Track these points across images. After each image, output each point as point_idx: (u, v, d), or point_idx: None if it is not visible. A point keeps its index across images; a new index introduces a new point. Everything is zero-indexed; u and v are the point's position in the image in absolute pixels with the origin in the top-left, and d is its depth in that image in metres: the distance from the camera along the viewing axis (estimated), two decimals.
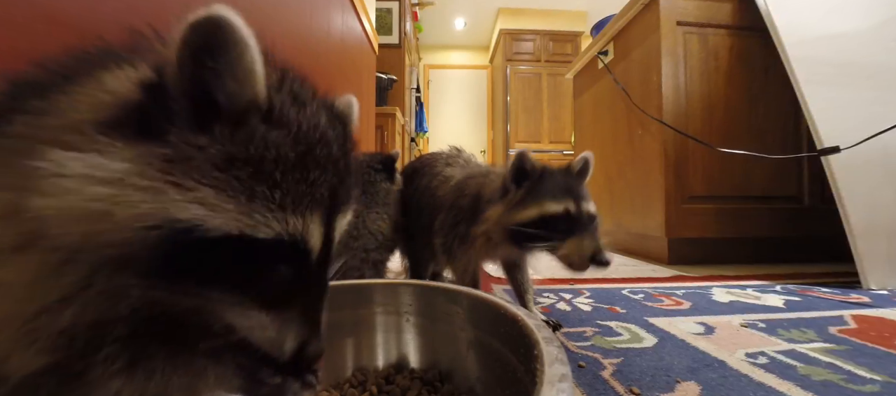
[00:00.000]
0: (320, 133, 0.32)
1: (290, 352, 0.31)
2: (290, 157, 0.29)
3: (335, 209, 0.33)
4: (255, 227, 0.27)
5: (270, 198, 0.28)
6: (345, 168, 0.34)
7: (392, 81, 3.88)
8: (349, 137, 0.38)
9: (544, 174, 0.85)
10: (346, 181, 0.34)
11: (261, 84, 0.28)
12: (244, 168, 0.27)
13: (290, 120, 0.30)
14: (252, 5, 1.14)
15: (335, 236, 0.34)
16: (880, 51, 1.55)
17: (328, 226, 0.32)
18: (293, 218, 0.29)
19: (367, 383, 0.57)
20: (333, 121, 0.35)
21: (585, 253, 0.77)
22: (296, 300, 0.31)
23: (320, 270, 0.33)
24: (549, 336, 0.40)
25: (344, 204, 0.34)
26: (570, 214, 0.80)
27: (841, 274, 1.52)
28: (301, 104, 0.32)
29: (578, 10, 6.19)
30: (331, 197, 0.32)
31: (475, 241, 0.91)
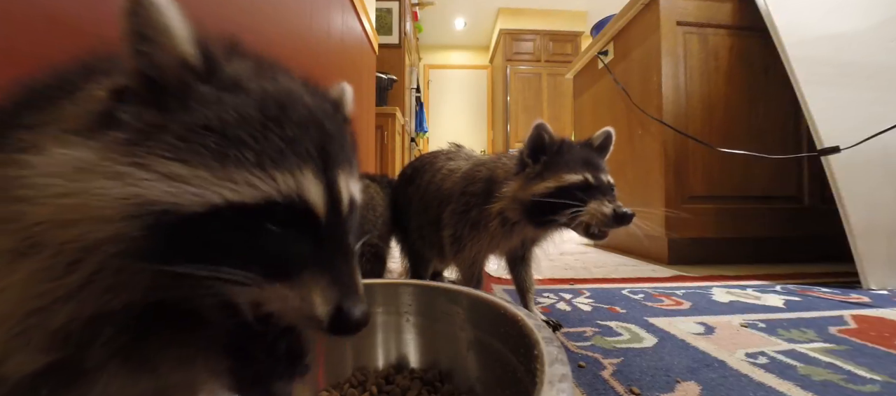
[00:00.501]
0: (293, 98, 0.31)
1: (327, 317, 0.29)
2: (256, 117, 0.28)
3: (332, 164, 0.31)
4: (239, 192, 0.26)
5: (245, 159, 0.26)
6: (335, 131, 0.33)
7: (392, 81, 3.88)
8: (340, 114, 0.37)
9: (563, 146, 0.85)
10: (337, 141, 0.32)
11: (182, 42, 0.27)
12: (207, 134, 0.26)
13: (249, 85, 0.29)
14: (252, 6, 1.14)
15: (343, 193, 0.32)
16: (880, 51, 1.55)
17: (330, 182, 0.30)
18: (281, 175, 0.27)
19: (367, 383, 0.57)
20: (313, 92, 0.35)
21: (607, 212, 0.77)
22: (315, 262, 0.29)
23: (337, 229, 0.31)
24: (549, 336, 0.41)
25: (343, 161, 0.32)
26: (589, 184, 0.80)
27: (841, 274, 1.52)
28: (266, 74, 0.31)
29: (578, 10, 6.19)
30: (321, 153, 0.30)
31: (489, 224, 0.90)
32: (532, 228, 0.88)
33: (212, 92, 0.28)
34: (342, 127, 0.35)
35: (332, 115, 0.34)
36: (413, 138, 5.10)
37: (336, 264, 0.30)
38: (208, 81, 0.28)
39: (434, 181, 1.10)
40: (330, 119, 0.33)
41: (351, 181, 0.33)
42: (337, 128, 0.34)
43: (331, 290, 0.29)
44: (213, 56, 0.29)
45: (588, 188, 0.80)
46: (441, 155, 1.20)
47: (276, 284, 0.28)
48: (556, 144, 0.85)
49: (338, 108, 0.38)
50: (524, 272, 1.01)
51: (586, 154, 0.85)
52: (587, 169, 0.81)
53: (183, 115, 0.26)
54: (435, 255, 1.15)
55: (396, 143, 3.81)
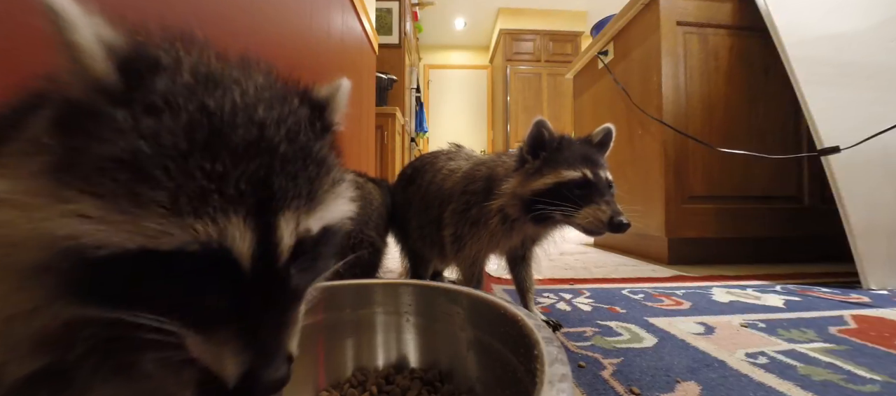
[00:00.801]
0: (240, 115, 0.27)
1: (234, 379, 0.26)
2: (179, 148, 0.24)
3: (272, 205, 0.27)
4: (153, 238, 0.23)
5: (158, 202, 0.23)
6: (294, 155, 0.29)
7: (392, 81, 3.88)
8: (313, 123, 0.33)
9: (562, 143, 0.86)
10: (292, 170, 0.28)
11: (93, 59, 0.23)
12: (119, 168, 0.23)
13: (180, 103, 0.25)
14: (252, 6, 1.14)
15: (284, 238, 0.28)
16: (880, 51, 1.55)
17: (265, 229, 0.26)
18: (200, 222, 0.24)
19: (367, 383, 0.57)
20: (279, 101, 0.30)
21: (603, 218, 0.77)
22: (233, 319, 0.26)
23: (268, 281, 0.27)
24: (549, 336, 0.41)
25: (293, 198, 0.28)
26: (588, 180, 0.80)
27: (841, 274, 1.52)
28: (212, 85, 0.27)
29: (578, 10, 6.19)
30: (259, 190, 0.26)
31: (489, 221, 0.90)
32: (532, 225, 0.89)
33: (127, 117, 0.24)
34: (309, 144, 0.31)
35: (297, 131, 0.30)
36: (413, 138, 5.10)
37: (259, 321, 0.27)
38: (126, 104, 0.24)
39: (435, 181, 1.11)
40: (289, 139, 0.29)
41: (303, 218, 0.29)
42: (297, 149, 0.29)
43: (244, 353, 0.26)
44: (135, 72, 0.25)
45: (587, 184, 0.80)
46: (441, 155, 1.20)
47: (192, 334, 0.26)
48: (556, 141, 0.86)
49: (318, 115, 0.34)
50: (524, 272, 1.01)
51: (586, 150, 0.85)
52: (586, 165, 0.81)
53: (97, 145, 0.23)
54: (436, 255, 1.15)
55: (396, 143, 3.81)
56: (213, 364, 0.26)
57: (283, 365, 0.27)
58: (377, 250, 1.20)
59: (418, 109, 5.65)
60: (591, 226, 0.79)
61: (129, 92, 0.25)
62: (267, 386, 0.27)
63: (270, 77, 0.33)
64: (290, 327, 0.29)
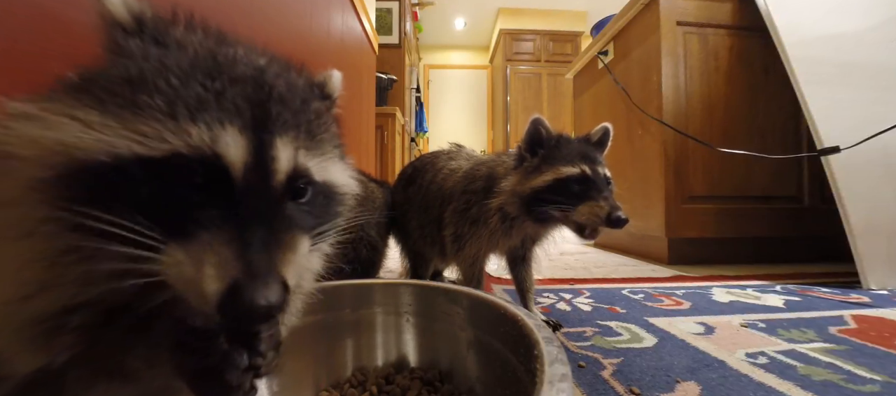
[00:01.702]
0: (238, 58, 0.29)
1: (215, 296, 0.23)
2: (181, 67, 0.26)
3: (268, 125, 0.28)
4: (146, 144, 0.24)
5: (155, 107, 0.25)
6: (288, 96, 0.30)
7: (392, 81, 3.88)
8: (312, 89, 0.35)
9: (560, 140, 0.86)
10: (287, 105, 0.29)
11: (110, 3, 0.28)
12: (125, 84, 0.26)
13: (187, 41, 0.29)
14: (252, 6, 1.14)
15: (278, 158, 0.27)
16: (880, 51, 1.55)
17: (260, 145, 0.27)
18: (194, 127, 0.25)
19: (367, 383, 0.57)
20: (281, 64, 0.33)
21: (601, 214, 0.77)
22: (221, 227, 0.25)
23: (261, 196, 0.27)
24: (549, 336, 0.41)
25: (290, 128, 0.29)
26: (586, 177, 0.80)
27: (841, 274, 1.52)
28: (214, 39, 0.31)
29: (578, 10, 6.19)
30: (256, 111, 0.27)
31: (489, 220, 0.90)
32: (531, 224, 0.89)
33: (138, 45, 0.28)
34: (308, 97, 0.32)
35: (296, 85, 0.32)
36: (413, 138, 5.10)
37: (250, 234, 0.25)
38: (136, 36, 0.28)
39: (435, 181, 1.11)
40: (288, 87, 0.30)
41: (301, 152, 0.29)
42: (296, 95, 0.31)
43: (230, 264, 0.24)
44: (144, 15, 0.29)
45: (585, 181, 0.81)
46: (442, 155, 1.20)
47: (172, 245, 0.24)
48: (554, 138, 0.86)
49: (317, 88, 0.37)
50: (524, 272, 1.01)
51: (583, 148, 0.86)
52: (584, 162, 0.82)
53: (110, 69, 0.27)
54: (436, 255, 1.15)
55: (396, 143, 3.81)
56: (193, 285, 0.24)
57: (275, 285, 0.24)
58: (377, 250, 1.20)
59: (418, 109, 5.65)
60: (589, 222, 0.79)
61: (141, 28, 0.28)
62: (254, 309, 0.23)
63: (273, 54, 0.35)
64: (286, 249, 0.27)
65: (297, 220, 0.29)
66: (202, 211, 0.25)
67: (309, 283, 0.39)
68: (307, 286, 0.39)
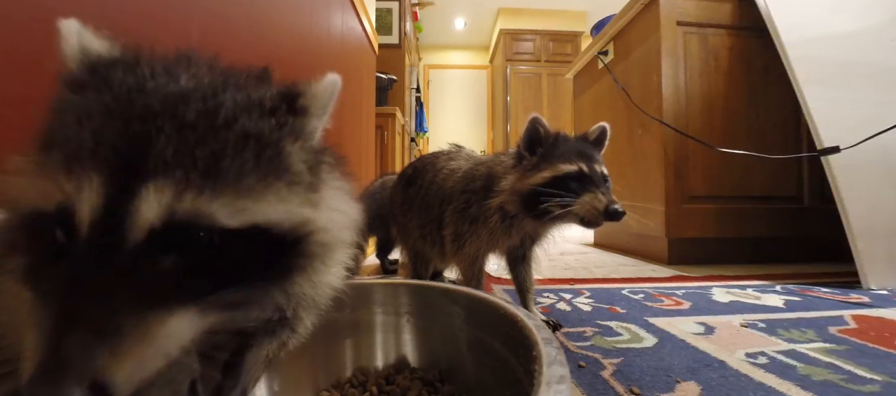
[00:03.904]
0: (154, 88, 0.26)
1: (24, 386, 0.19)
2: (86, 114, 0.25)
3: (135, 169, 0.23)
4: (45, 198, 0.24)
5: (55, 162, 0.24)
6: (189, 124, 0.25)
7: (392, 81, 3.88)
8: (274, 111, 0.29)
9: (558, 139, 0.88)
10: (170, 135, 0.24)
11: (69, 60, 0.30)
12: (45, 136, 0.27)
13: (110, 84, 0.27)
14: (252, 6, 1.14)
15: (142, 209, 0.22)
16: (880, 51, 1.55)
17: (116, 191, 0.22)
18: (67, 180, 0.23)
19: (367, 383, 0.57)
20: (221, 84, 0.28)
21: (599, 207, 0.79)
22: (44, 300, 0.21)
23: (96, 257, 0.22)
24: (548, 336, 0.40)
25: (176, 169, 0.23)
26: (584, 173, 0.82)
27: (841, 274, 1.52)
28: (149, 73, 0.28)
29: (578, 10, 6.19)
30: (128, 151, 0.23)
31: (489, 219, 0.91)
32: (531, 222, 0.89)
33: (68, 96, 0.28)
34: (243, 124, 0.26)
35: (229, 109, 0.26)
36: (413, 138, 5.10)
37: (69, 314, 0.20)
38: (78, 90, 0.28)
39: (436, 181, 1.11)
40: (209, 112, 0.25)
41: (190, 194, 0.23)
42: (219, 124, 0.25)
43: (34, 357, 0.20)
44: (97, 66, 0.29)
45: (583, 177, 0.82)
46: (442, 155, 1.20)
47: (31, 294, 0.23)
48: (552, 137, 0.88)
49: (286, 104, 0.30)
50: (524, 272, 1.01)
51: (581, 146, 0.87)
52: (582, 159, 0.83)
53: (52, 119, 0.28)
54: (436, 254, 1.15)
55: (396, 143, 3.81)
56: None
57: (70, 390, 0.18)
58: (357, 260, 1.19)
59: (418, 109, 5.65)
60: (588, 215, 0.81)
61: (85, 80, 0.28)
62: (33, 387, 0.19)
63: (236, 71, 0.31)
64: (117, 337, 0.20)
65: (162, 290, 0.23)
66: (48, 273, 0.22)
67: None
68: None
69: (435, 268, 1.34)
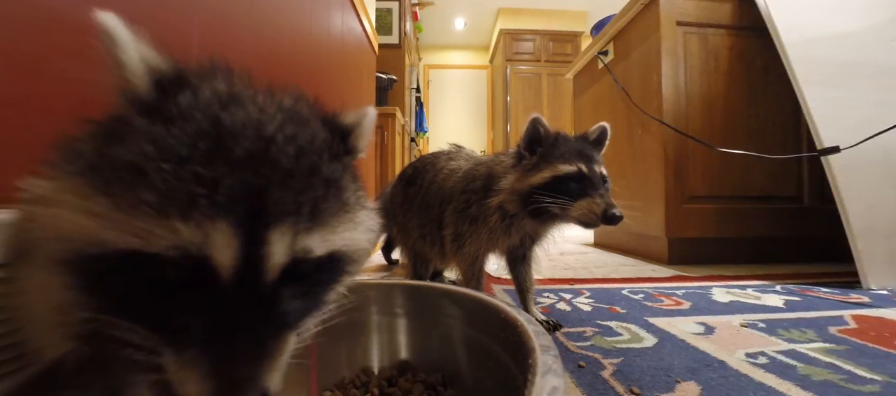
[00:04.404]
0: (249, 130, 0.27)
1: None
2: (180, 154, 0.24)
3: (265, 218, 0.25)
4: (143, 239, 0.23)
5: (149, 203, 0.23)
6: (300, 173, 0.28)
7: (392, 81, 3.88)
8: (331, 146, 0.32)
9: (558, 139, 0.88)
10: (295, 186, 0.27)
11: (136, 76, 0.26)
12: (128, 169, 0.24)
13: (193, 115, 0.26)
14: (252, 6, 1.14)
15: (274, 254, 0.26)
16: (880, 51, 1.55)
17: (252, 241, 0.25)
18: (184, 226, 0.23)
19: (369, 384, 0.57)
20: (297, 122, 0.30)
21: (597, 210, 0.79)
22: (208, 340, 0.24)
23: (250, 300, 0.25)
24: (546, 344, 0.40)
25: (289, 215, 0.26)
26: (583, 174, 0.82)
27: (841, 274, 1.52)
28: (232, 103, 0.28)
29: (578, 10, 6.19)
30: (253, 201, 0.25)
31: (489, 218, 0.92)
32: (530, 221, 0.89)
33: (145, 125, 0.26)
34: (319, 164, 0.29)
35: (308, 151, 0.29)
36: (413, 138, 5.10)
37: (233, 346, 0.25)
38: (149, 114, 0.26)
39: (436, 181, 1.11)
40: (298, 156, 0.28)
41: (301, 236, 0.27)
42: (305, 167, 0.28)
43: (209, 380, 0.24)
44: (166, 88, 0.27)
45: (582, 178, 0.82)
46: (442, 155, 1.20)
47: (167, 350, 0.25)
48: (552, 137, 0.88)
49: (341, 140, 0.34)
50: (524, 272, 1.01)
51: (581, 146, 0.87)
52: (581, 160, 0.83)
53: (118, 149, 0.25)
54: (436, 254, 1.15)
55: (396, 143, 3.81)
56: (180, 388, 0.25)
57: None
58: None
59: (418, 109, 5.64)
60: (585, 218, 0.81)
61: (157, 104, 0.27)
62: None
63: (297, 100, 0.34)
64: (271, 358, 0.26)
65: (292, 313, 0.29)
66: (191, 316, 0.24)
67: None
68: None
69: (435, 268, 1.34)
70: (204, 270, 0.24)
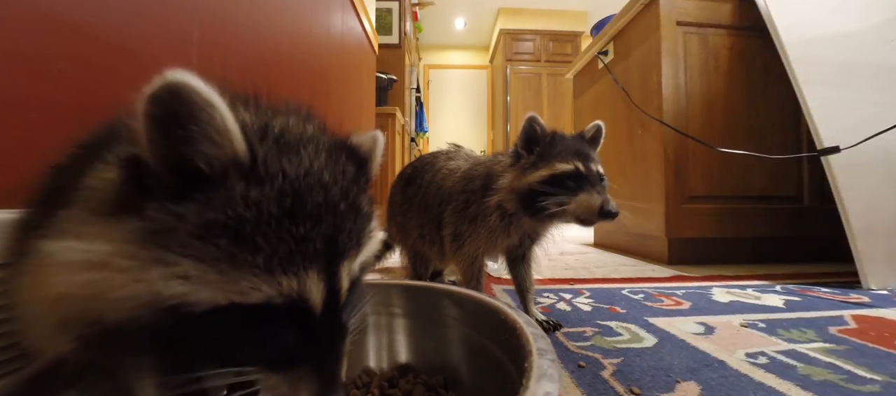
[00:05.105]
0: (312, 179, 0.31)
1: None
2: (273, 214, 0.28)
3: (336, 258, 0.31)
4: (244, 294, 0.26)
5: (254, 263, 0.27)
6: (348, 211, 0.32)
7: (392, 81, 3.88)
8: (358, 178, 0.36)
9: (555, 137, 0.88)
10: (348, 225, 0.32)
11: (237, 141, 0.27)
12: (224, 234, 0.26)
13: (274, 172, 0.29)
14: (252, 6, 1.14)
15: (343, 284, 0.32)
16: (880, 51, 1.55)
17: (331, 279, 0.30)
18: (285, 278, 0.28)
19: (371, 385, 0.57)
20: (335, 160, 0.34)
21: (594, 206, 0.80)
22: (305, 357, 0.30)
23: (331, 323, 0.31)
24: (544, 347, 0.39)
25: (349, 250, 0.32)
26: (580, 172, 0.83)
27: (841, 274, 1.52)
28: (290, 150, 0.31)
29: (578, 10, 6.19)
30: (328, 246, 0.30)
31: (488, 217, 0.92)
32: (529, 220, 0.90)
33: (239, 187, 0.27)
34: (357, 200, 0.34)
35: (350, 188, 0.34)
36: (413, 138, 5.10)
37: (325, 356, 0.31)
38: (245, 179, 0.28)
39: (435, 181, 1.11)
40: (347, 196, 0.33)
41: (353, 264, 0.33)
42: (352, 204, 0.33)
43: (314, 384, 0.30)
44: (257, 153, 0.29)
45: (579, 176, 0.83)
46: (441, 155, 1.20)
47: (271, 373, 0.29)
48: (549, 136, 0.88)
49: (362, 169, 0.38)
50: (524, 272, 1.02)
51: (578, 145, 0.88)
52: (578, 158, 0.84)
53: (208, 213, 0.26)
54: (435, 254, 1.15)
55: (396, 143, 3.81)
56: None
57: (341, 391, 0.31)
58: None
59: (418, 109, 5.65)
60: (582, 214, 0.82)
61: (251, 167, 0.28)
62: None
63: (319, 130, 0.36)
64: (344, 358, 0.33)
65: (349, 321, 0.34)
66: (290, 344, 0.29)
67: None
68: None
69: (434, 268, 1.34)
70: (300, 309, 0.29)
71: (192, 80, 0.24)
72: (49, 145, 0.38)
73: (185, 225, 0.26)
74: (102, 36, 0.65)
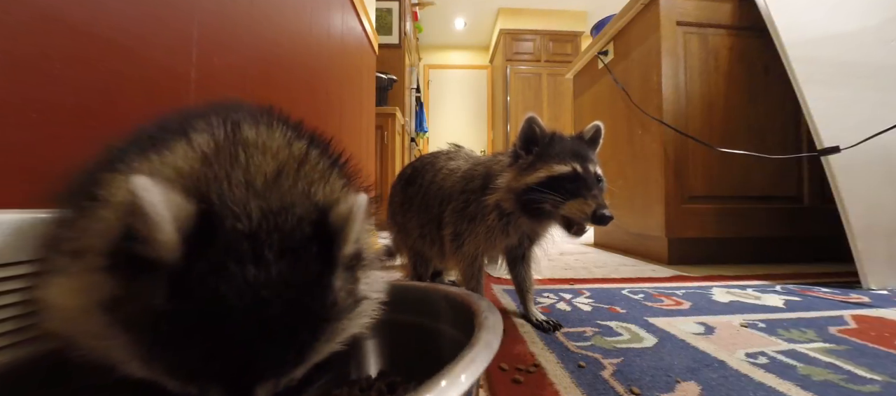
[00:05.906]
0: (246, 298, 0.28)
1: None
2: (187, 330, 0.28)
3: (253, 380, 0.29)
4: (160, 379, 0.29)
5: (164, 357, 0.28)
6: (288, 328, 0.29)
7: (392, 81, 3.88)
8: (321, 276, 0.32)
9: (553, 138, 0.88)
10: (280, 343, 0.29)
11: (164, 247, 0.27)
12: (149, 321, 0.28)
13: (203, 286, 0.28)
14: (252, 6, 1.14)
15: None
16: (880, 51, 1.55)
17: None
18: (190, 385, 0.29)
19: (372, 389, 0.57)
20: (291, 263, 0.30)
21: (587, 211, 0.79)
22: None
23: None
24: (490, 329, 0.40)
25: (275, 368, 0.30)
26: (578, 174, 0.82)
27: (841, 274, 1.52)
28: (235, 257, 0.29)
29: (578, 10, 6.19)
30: (242, 370, 0.29)
31: (487, 217, 0.92)
32: (527, 221, 0.90)
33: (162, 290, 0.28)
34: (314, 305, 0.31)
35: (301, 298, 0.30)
36: (413, 138, 5.10)
37: None
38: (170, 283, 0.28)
39: (435, 181, 1.11)
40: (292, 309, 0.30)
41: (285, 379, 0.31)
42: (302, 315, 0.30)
43: None
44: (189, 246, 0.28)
45: (576, 179, 0.83)
46: (441, 155, 1.20)
47: None
48: (548, 136, 0.88)
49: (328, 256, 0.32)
50: (524, 272, 1.02)
51: (576, 146, 0.88)
52: (576, 160, 0.84)
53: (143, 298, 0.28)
54: (436, 254, 1.15)
55: (396, 143, 3.81)
56: None
57: None
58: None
59: (418, 109, 5.65)
60: (576, 217, 0.82)
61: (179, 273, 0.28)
62: None
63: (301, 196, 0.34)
64: None
65: None
66: None
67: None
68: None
69: (434, 268, 1.34)
70: None
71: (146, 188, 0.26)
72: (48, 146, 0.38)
73: (129, 304, 0.28)
74: (102, 36, 0.65)
